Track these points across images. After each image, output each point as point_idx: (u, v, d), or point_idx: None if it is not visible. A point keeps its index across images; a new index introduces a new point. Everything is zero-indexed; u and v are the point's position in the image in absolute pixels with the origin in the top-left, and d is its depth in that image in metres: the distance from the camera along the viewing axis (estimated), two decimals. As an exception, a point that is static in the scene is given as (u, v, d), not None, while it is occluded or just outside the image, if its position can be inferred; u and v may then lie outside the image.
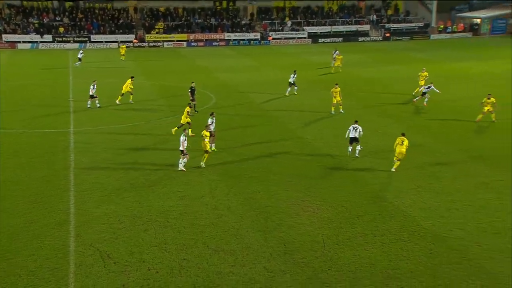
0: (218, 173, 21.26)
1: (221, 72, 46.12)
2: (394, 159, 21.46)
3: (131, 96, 33.21)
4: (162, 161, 22.42)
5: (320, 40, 72.41)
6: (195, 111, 30.11)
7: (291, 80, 35.89)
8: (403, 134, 21.61)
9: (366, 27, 75.45)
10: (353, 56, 56.12)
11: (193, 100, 29.97)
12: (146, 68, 48.42)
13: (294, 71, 36.76)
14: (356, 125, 23.11)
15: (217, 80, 42.07)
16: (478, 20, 78.68)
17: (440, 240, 15.79)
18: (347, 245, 15.58)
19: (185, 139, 21.21)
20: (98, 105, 31.95)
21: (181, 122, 26.07)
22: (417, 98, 33.44)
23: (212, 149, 23.40)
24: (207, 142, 21.83)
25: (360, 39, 73.64)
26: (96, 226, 16.55)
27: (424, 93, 32.72)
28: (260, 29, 73.00)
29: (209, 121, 23.68)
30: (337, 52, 47.97)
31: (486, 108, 28.56)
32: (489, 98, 28.70)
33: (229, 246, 15.52)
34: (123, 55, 53.31)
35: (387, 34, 74.85)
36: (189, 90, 30.36)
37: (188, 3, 73.55)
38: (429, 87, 32.80)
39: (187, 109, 26.27)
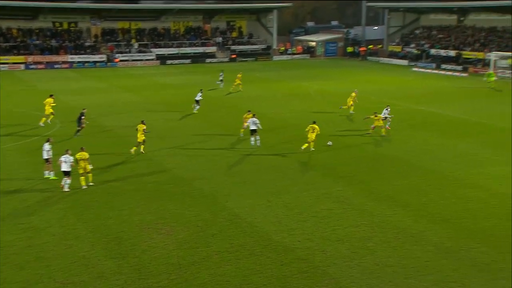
0: (66, 201, 19.99)
1: (66, 95, 43.78)
2: (305, 144, 26.43)
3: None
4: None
5: (168, 61, 72.33)
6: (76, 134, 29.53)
7: (197, 98, 37.03)
8: (314, 122, 26.89)
9: (213, 49, 77.03)
10: (201, 77, 56.88)
11: (80, 126, 29.78)
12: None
13: (201, 89, 38.60)
14: (254, 118, 27.69)
15: (62, 104, 39.81)
16: (314, 43, 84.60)
17: (290, 251, 16.37)
18: (203, 264, 15.47)
19: (67, 160, 20.65)
20: None
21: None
22: (373, 126, 31.07)
23: (51, 177, 22.12)
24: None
25: (208, 60, 74.93)
26: None
27: (385, 117, 31.69)
28: (106, 51, 70.81)
29: (46, 146, 22.33)
30: (222, 74, 49.16)
31: (375, 124, 30.26)
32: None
33: (79, 278, 14.56)
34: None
35: (233, 56, 77.12)
36: (79, 116, 29.94)
37: (23, 22, 68.91)
38: (387, 109, 31.91)
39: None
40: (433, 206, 19.91)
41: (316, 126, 26.67)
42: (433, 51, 71.59)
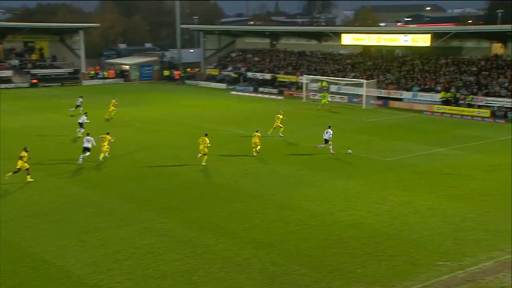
0: None
1: None
2: (199, 154, 30.18)
3: None
4: None
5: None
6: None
7: (80, 121, 38.36)
8: (206, 135, 30.53)
9: (8, 73, 71.66)
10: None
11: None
12: None
13: (85, 113, 40.28)
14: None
15: None
16: (127, 67, 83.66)
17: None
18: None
19: None
20: None
21: None
22: (319, 145, 33.81)
23: None
24: None
25: (3, 86, 69.40)
26: None
27: (326, 141, 33.11)
28: None
29: None
30: (81, 99, 48.07)
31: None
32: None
33: None
34: None
35: (34, 80, 72.60)
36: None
37: None
38: (327, 132, 33.64)
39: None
40: (257, 232, 20.72)
41: (207, 139, 30.24)
42: (250, 74, 75.55)
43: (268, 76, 73.17)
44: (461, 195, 25.26)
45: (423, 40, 57.83)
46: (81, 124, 38.16)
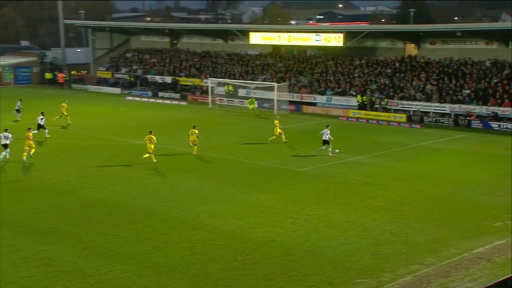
0: None
1: None
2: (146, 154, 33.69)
3: None
4: None
5: None
6: None
7: (41, 122, 41.70)
8: (150, 132, 34.09)
9: None
10: None
11: None
12: None
13: (42, 112, 42.89)
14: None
15: None
16: (-1, 68, 79.88)
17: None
18: None
19: None
20: None
21: None
22: (321, 149, 36.48)
23: None
24: None
25: None
26: None
27: (325, 142, 36.20)
28: None
29: None
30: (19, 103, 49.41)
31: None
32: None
33: None
34: None
35: None
36: None
37: None
38: (324, 132, 36.32)
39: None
40: (159, 255, 20.39)
41: (153, 136, 33.88)
42: (148, 77, 74.66)
43: (168, 79, 72.73)
44: (379, 206, 26.23)
45: (336, 40, 59.83)
46: (42, 126, 41.82)
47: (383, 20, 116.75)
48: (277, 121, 41.32)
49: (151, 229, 22.92)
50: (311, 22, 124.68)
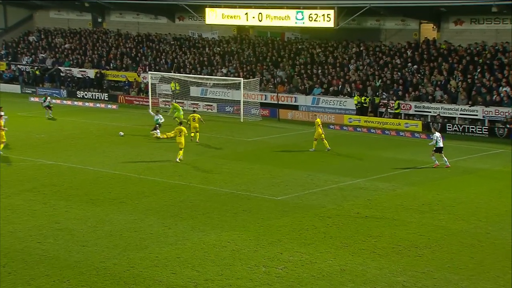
0: None
1: None
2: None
3: None
4: None
5: None
6: None
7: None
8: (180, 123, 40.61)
9: None
10: None
11: None
12: None
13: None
14: None
15: None
16: None
17: None
18: None
19: None
20: None
21: None
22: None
23: None
24: None
25: None
26: None
27: None
28: None
29: None
30: None
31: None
32: None
33: None
34: None
35: None
36: None
37: None
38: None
39: None
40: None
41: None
42: (61, 70, 74.12)
43: (91, 72, 72.38)
44: (386, 249, 26.22)
45: (325, 19, 60.10)
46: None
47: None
48: (319, 120, 44.57)
49: (63, 286, 22.60)
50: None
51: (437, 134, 39.45)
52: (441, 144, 39.21)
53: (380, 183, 36.44)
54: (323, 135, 43.83)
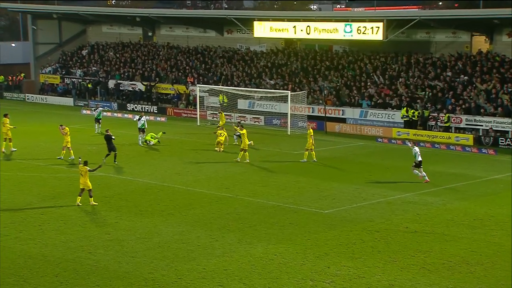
0: None
1: None
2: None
3: None
4: None
5: None
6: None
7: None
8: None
9: None
10: None
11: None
12: None
13: None
14: None
15: None
16: None
17: None
18: None
19: None
20: None
21: None
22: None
23: None
24: None
25: None
26: None
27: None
28: None
29: None
30: None
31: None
32: None
33: None
34: None
35: None
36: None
37: None
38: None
39: None
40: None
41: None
42: (112, 84, 74.76)
43: (141, 85, 72.88)
44: (436, 265, 25.94)
45: (374, 31, 59.92)
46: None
47: (440, 4, 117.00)
48: (311, 130, 45.29)
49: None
50: (338, 6, 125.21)
51: (416, 149, 39.50)
52: (420, 158, 39.04)
53: (429, 198, 36.09)
54: (312, 146, 44.44)
